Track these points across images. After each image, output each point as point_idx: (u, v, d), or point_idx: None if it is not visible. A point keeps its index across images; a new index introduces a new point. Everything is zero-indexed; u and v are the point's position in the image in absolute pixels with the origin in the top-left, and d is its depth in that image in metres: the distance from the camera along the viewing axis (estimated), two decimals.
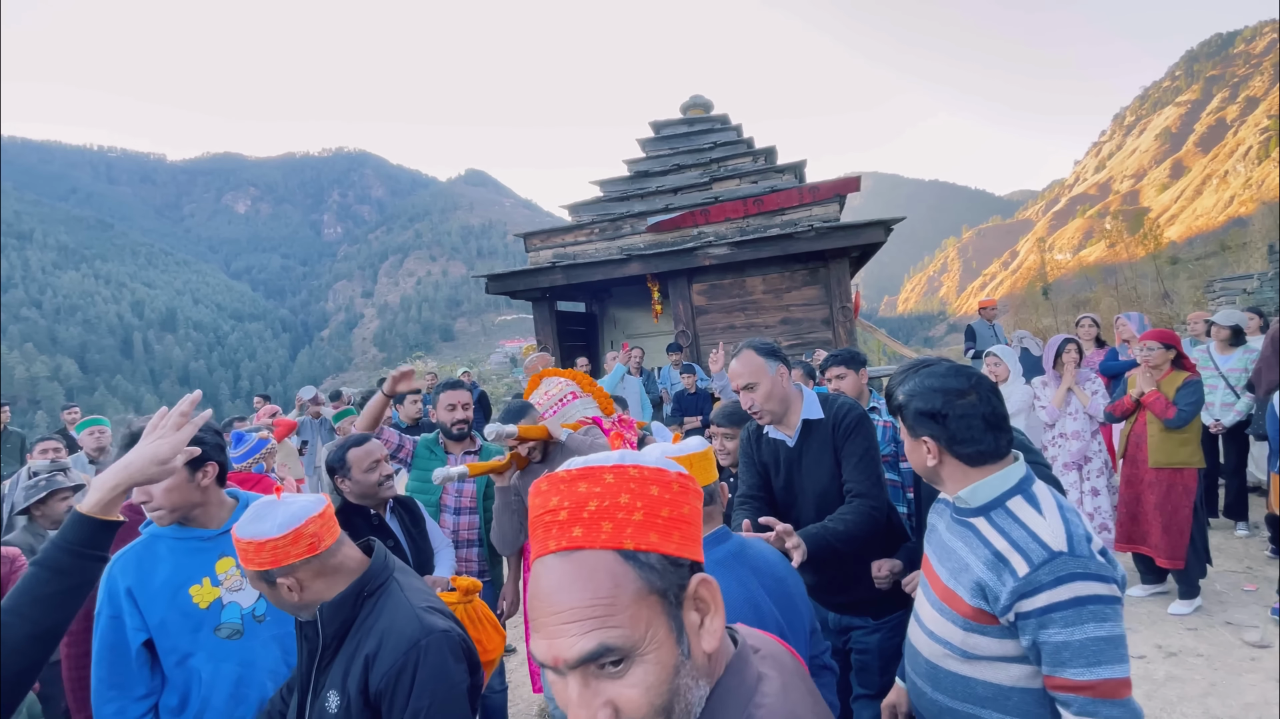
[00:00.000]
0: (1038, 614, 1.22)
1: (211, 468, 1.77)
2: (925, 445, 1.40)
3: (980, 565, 1.31)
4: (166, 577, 1.76)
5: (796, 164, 9.43)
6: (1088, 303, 20.73)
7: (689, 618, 0.69)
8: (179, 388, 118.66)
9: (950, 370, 1.42)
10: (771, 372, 2.15)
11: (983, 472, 1.37)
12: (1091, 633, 1.20)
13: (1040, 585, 1.22)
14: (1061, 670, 1.21)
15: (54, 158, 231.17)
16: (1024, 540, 1.27)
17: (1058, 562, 1.22)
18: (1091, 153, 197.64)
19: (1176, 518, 3.93)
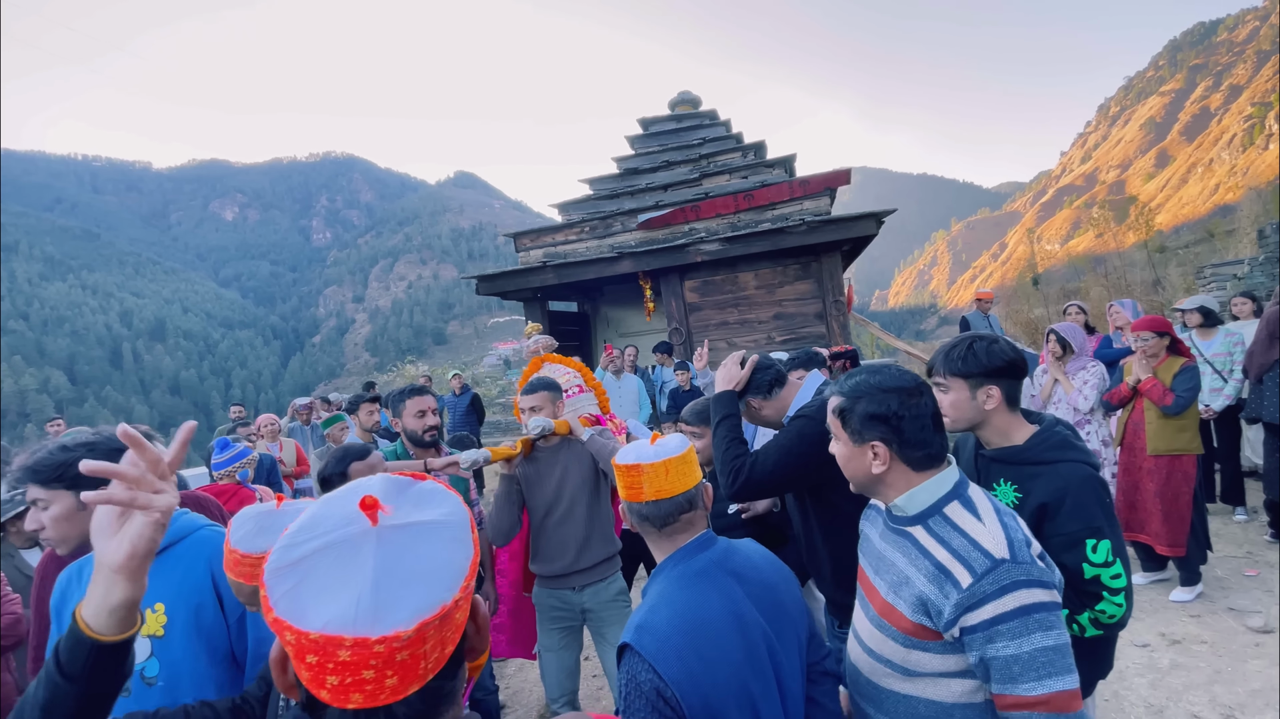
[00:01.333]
0: (984, 627, 1.17)
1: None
2: (873, 450, 1.33)
3: (922, 579, 1.25)
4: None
5: (786, 158, 9.39)
6: (1078, 292, 20.78)
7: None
8: (170, 398, 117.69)
9: (898, 372, 1.38)
10: (741, 410, 2.17)
11: (924, 476, 1.32)
12: (1039, 643, 1.15)
13: (985, 596, 1.17)
14: (1012, 687, 1.15)
15: (38, 168, 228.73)
16: (965, 549, 1.22)
17: (1001, 570, 1.18)
18: (1077, 144, 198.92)
19: (1177, 505, 3.91)
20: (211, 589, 1.60)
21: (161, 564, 1.59)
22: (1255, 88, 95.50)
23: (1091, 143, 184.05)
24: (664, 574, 1.35)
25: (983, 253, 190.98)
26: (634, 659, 1.22)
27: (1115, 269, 21.23)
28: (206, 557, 1.62)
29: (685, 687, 1.17)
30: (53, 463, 1.46)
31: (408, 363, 35.64)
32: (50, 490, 1.47)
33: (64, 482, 1.47)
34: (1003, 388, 1.65)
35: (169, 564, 1.60)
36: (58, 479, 1.47)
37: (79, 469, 1.38)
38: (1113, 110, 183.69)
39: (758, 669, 1.26)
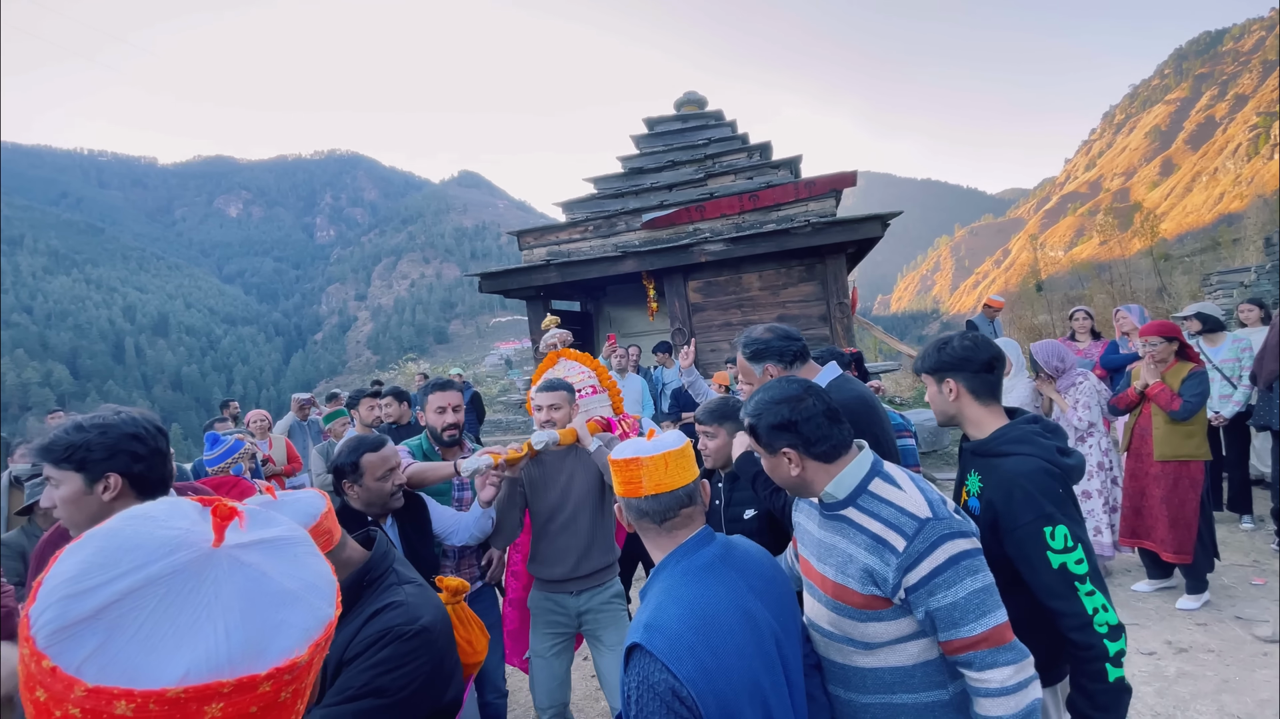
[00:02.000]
0: (924, 583, 1.30)
1: (114, 480, 1.49)
2: (786, 457, 1.46)
3: (863, 552, 1.37)
4: None
5: (792, 159, 9.35)
6: (1082, 299, 20.72)
7: None
8: (171, 393, 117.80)
9: (782, 382, 1.52)
10: (759, 373, 2.15)
11: (839, 465, 1.45)
12: (971, 586, 1.29)
13: (919, 554, 1.30)
14: (956, 631, 1.29)
15: (44, 162, 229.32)
16: (893, 517, 1.35)
17: (928, 528, 1.32)
18: (1082, 151, 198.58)
19: (1184, 511, 3.87)
20: None
21: None
22: (1261, 97, 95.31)
23: (1096, 150, 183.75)
24: (667, 571, 1.34)
25: (986, 259, 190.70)
26: (645, 659, 1.18)
27: (1120, 276, 21.16)
28: None
29: (700, 684, 1.15)
30: (64, 443, 1.46)
31: (408, 360, 35.60)
32: (60, 470, 1.47)
33: (73, 463, 1.47)
34: (963, 381, 1.76)
35: None
36: (67, 459, 1.46)
37: (89, 453, 1.45)
38: (1118, 118, 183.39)
39: (767, 663, 1.26)
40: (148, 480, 1.54)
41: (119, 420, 1.51)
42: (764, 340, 2.14)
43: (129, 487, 1.50)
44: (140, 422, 1.55)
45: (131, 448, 1.50)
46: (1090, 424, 4.23)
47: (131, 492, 1.50)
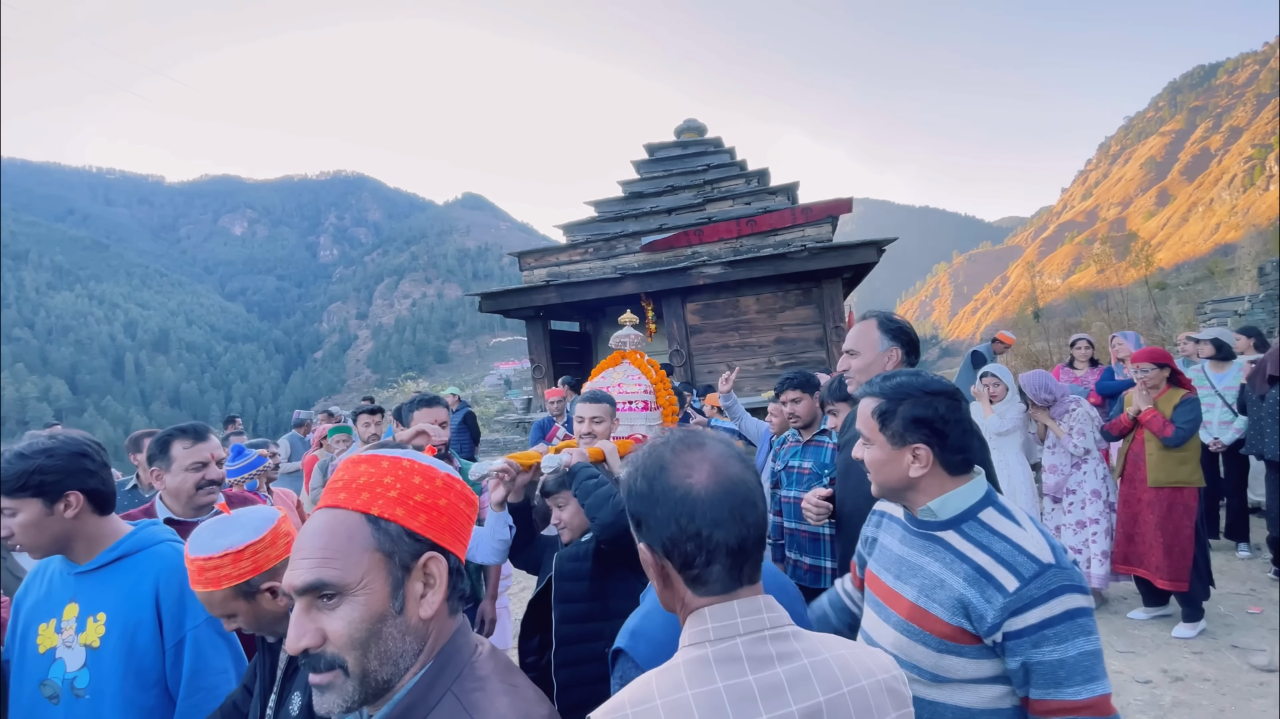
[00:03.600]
0: (1031, 632, 1.17)
1: (75, 497, 1.51)
2: (914, 453, 1.31)
3: (960, 582, 1.24)
4: (32, 604, 1.58)
5: (789, 186, 9.49)
6: (1079, 326, 20.82)
7: (413, 586, 0.81)
8: (169, 409, 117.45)
9: (934, 378, 1.38)
10: (881, 349, 1.97)
11: (958, 481, 1.32)
12: (1083, 647, 1.16)
13: (1033, 600, 1.17)
14: (1057, 692, 1.16)
15: (52, 179, 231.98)
16: (1009, 554, 1.22)
17: (1049, 574, 1.18)
18: (1078, 181, 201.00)
19: (1178, 539, 3.86)
20: (153, 608, 1.56)
21: (112, 573, 1.57)
22: (1255, 129, 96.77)
23: (1093, 180, 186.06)
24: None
25: (984, 286, 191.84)
26: (627, 664, 1.19)
27: (1117, 304, 21.29)
28: (155, 573, 1.58)
29: None
30: (14, 472, 1.45)
31: (407, 379, 35.61)
32: (16, 499, 1.46)
33: (29, 489, 1.46)
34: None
35: (119, 574, 1.57)
36: (22, 488, 1.46)
37: (44, 477, 1.46)
38: (1113, 149, 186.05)
39: None
40: (103, 494, 1.57)
41: (61, 442, 1.53)
42: (904, 327, 2.01)
43: (87, 501, 1.53)
44: (82, 441, 1.57)
45: (82, 465, 1.53)
46: (1086, 450, 4.24)
47: (89, 505, 1.54)
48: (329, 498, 0.82)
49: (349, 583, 0.76)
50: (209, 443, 2.15)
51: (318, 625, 0.76)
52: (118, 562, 1.58)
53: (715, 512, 0.87)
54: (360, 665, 0.77)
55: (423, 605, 0.81)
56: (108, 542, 1.59)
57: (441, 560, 0.83)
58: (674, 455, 0.92)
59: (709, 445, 0.93)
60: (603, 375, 3.02)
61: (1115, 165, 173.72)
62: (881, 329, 1.97)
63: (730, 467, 0.90)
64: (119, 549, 1.58)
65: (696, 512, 0.87)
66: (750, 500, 0.89)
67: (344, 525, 0.78)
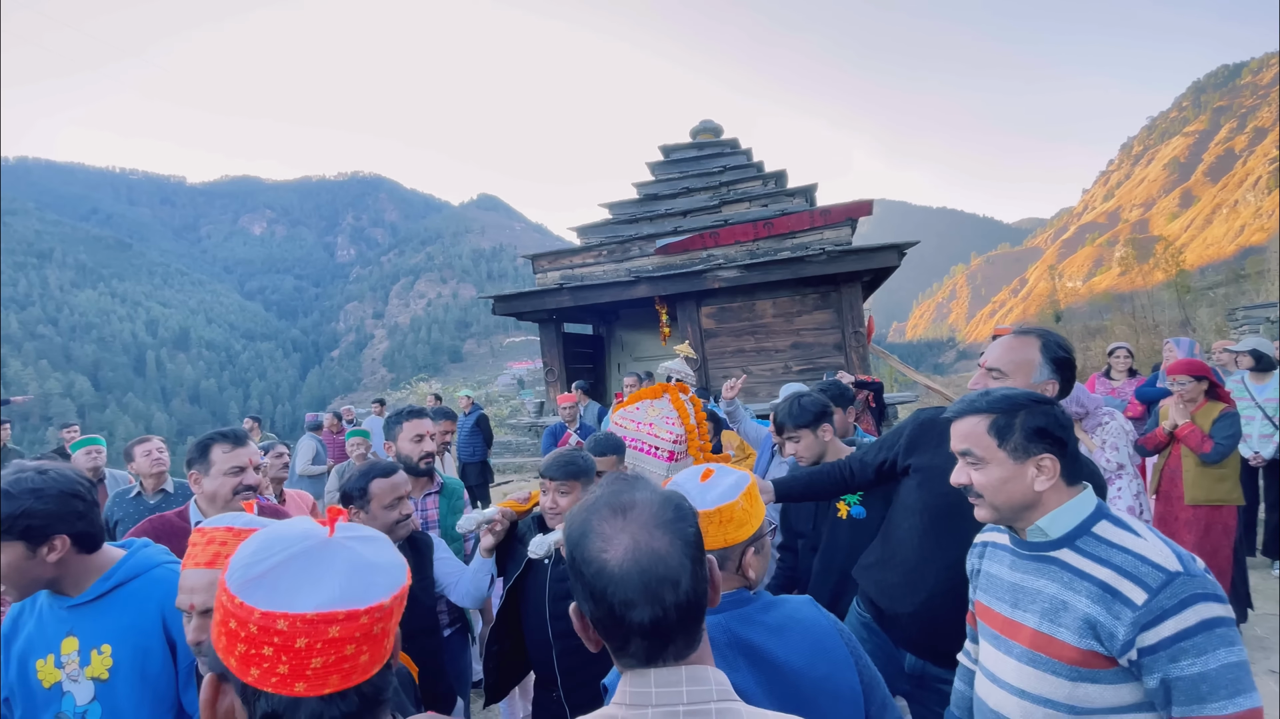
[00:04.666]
0: (1166, 645, 1.09)
1: (60, 541, 1.42)
2: (1038, 465, 1.24)
3: (1085, 601, 1.17)
4: (25, 640, 1.51)
5: (807, 187, 9.35)
6: (1101, 330, 20.43)
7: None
8: (189, 406, 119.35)
9: (1033, 391, 1.31)
10: (1037, 379, 1.65)
11: (1074, 491, 1.26)
12: (1225, 659, 1.08)
13: (1165, 612, 1.10)
14: (1200, 708, 1.08)
15: (76, 179, 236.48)
16: (1132, 565, 1.15)
17: (1178, 583, 1.10)
18: (1100, 182, 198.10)
19: (1216, 559, 3.69)
20: (161, 633, 1.50)
21: (111, 603, 1.50)
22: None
23: (1114, 181, 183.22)
24: None
25: (1003, 288, 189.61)
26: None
27: (1142, 308, 20.87)
28: (159, 598, 1.52)
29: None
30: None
31: (419, 380, 35.87)
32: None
33: (13, 533, 1.38)
34: (832, 424, 2.48)
35: (119, 604, 1.50)
36: (5, 530, 1.37)
37: (30, 520, 1.38)
38: (1135, 150, 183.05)
39: None
40: (90, 535, 1.49)
41: (51, 480, 1.43)
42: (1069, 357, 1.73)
43: (73, 544, 1.45)
44: (73, 478, 1.47)
45: (73, 507, 1.44)
46: (1119, 465, 4.08)
47: (73, 548, 1.45)
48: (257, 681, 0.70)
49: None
50: (248, 448, 2.13)
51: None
52: (114, 591, 1.51)
53: (626, 592, 0.80)
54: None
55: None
56: (97, 573, 1.51)
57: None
58: (597, 522, 0.85)
59: (636, 510, 0.85)
60: (636, 407, 2.75)
61: (1138, 166, 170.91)
62: (1045, 354, 1.64)
63: (653, 540, 0.82)
64: (113, 578, 1.52)
65: (609, 589, 0.81)
66: (669, 579, 0.80)
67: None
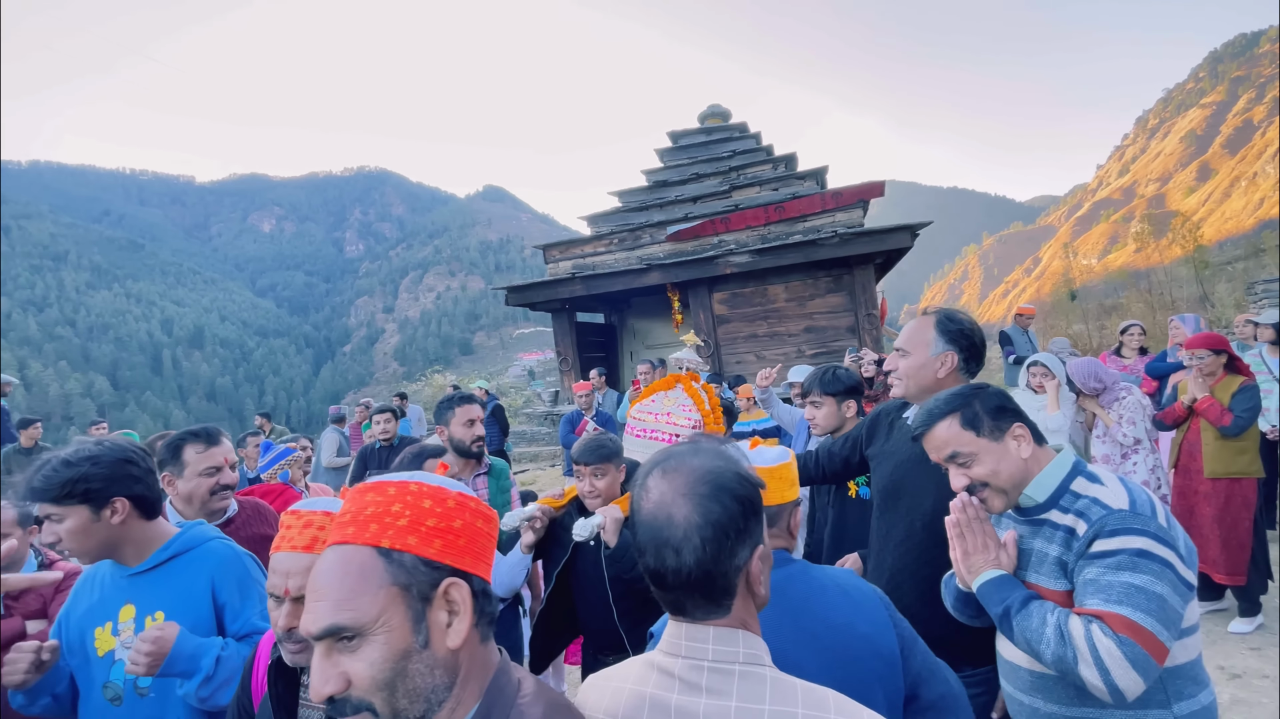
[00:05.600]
0: (1088, 558, 1.26)
1: (121, 503, 1.52)
2: (1015, 436, 1.39)
3: (1056, 547, 1.33)
4: (84, 610, 1.60)
5: (818, 170, 9.31)
6: (1118, 308, 20.21)
7: (436, 616, 0.77)
8: (206, 403, 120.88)
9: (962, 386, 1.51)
10: (933, 353, 1.79)
11: (1048, 454, 1.41)
12: (1128, 579, 1.21)
13: (1097, 535, 1.26)
14: (1082, 602, 1.25)
15: (88, 181, 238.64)
16: (1087, 507, 1.32)
17: (1117, 515, 1.26)
18: (1114, 157, 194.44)
19: (1236, 531, 3.72)
20: (210, 602, 1.59)
21: (166, 573, 1.59)
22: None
23: (1129, 156, 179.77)
24: None
25: (1015, 267, 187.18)
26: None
27: (1159, 284, 20.60)
28: (210, 569, 1.61)
29: None
30: (60, 479, 1.46)
31: (434, 373, 36.08)
32: (62, 506, 1.48)
33: (75, 496, 1.47)
34: (858, 403, 2.74)
35: (173, 573, 1.59)
36: (69, 495, 1.47)
37: (89, 484, 1.46)
38: (1151, 123, 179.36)
39: None
40: (148, 499, 1.59)
41: (106, 449, 1.54)
42: (965, 329, 1.87)
43: (133, 507, 1.55)
44: (127, 447, 1.58)
45: (128, 471, 1.54)
46: (1136, 440, 4.09)
47: (135, 511, 1.55)
48: (337, 533, 0.79)
49: (366, 623, 0.73)
50: (222, 447, 2.13)
51: (340, 670, 0.74)
52: (170, 561, 1.60)
53: (642, 540, 0.87)
54: (389, 706, 0.74)
55: (449, 635, 0.78)
56: (157, 543, 1.61)
57: (463, 585, 0.79)
58: (648, 473, 0.90)
59: (677, 474, 0.87)
60: (652, 399, 2.80)
61: (1153, 140, 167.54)
62: (939, 329, 1.80)
63: (671, 505, 0.85)
64: (170, 549, 1.61)
65: (636, 532, 0.88)
66: (670, 545, 0.83)
67: (355, 562, 0.75)
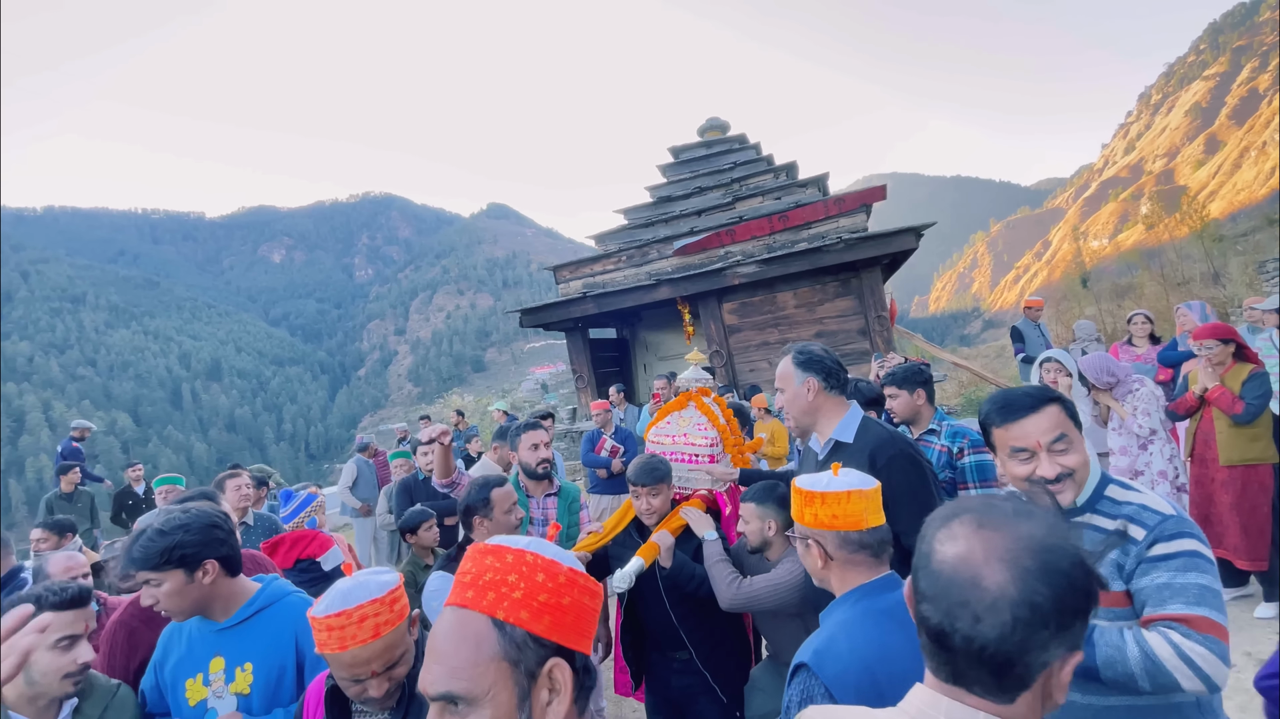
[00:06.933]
0: (1150, 562, 1.34)
1: (211, 565, 1.68)
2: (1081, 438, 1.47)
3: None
4: (176, 662, 1.74)
5: (819, 177, 9.42)
6: (1131, 289, 20.07)
7: (539, 694, 0.78)
8: (226, 434, 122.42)
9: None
10: (798, 383, 2.08)
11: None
12: (1196, 580, 1.31)
13: (1156, 540, 1.35)
14: (1162, 608, 1.31)
15: (102, 223, 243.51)
16: (1137, 514, 1.39)
17: (1170, 521, 1.36)
18: (1119, 135, 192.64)
19: (1255, 517, 3.76)
20: (294, 653, 1.74)
21: (254, 626, 1.75)
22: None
23: (1134, 133, 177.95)
24: (846, 606, 1.37)
25: (1025, 252, 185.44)
26: (810, 680, 1.25)
27: (1170, 263, 20.44)
28: (293, 622, 1.76)
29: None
30: (158, 549, 1.62)
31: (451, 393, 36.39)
32: (161, 572, 1.63)
33: (172, 563, 1.63)
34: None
35: (260, 627, 1.75)
36: (166, 562, 1.63)
37: (185, 550, 1.63)
38: (1154, 98, 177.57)
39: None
40: (232, 559, 1.74)
41: (194, 516, 1.70)
42: (817, 355, 2.10)
43: (221, 568, 1.71)
44: (211, 513, 1.74)
45: (215, 535, 1.70)
46: (1151, 431, 4.14)
47: (223, 571, 1.71)
48: (458, 593, 0.81)
49: (477, 694, 0.75)
50: (222, 508, 2.28)
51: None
52: (256, 615, 1.76)
53: (931, 589, 0.80)
54: None
55: (548, 714, 0.78)
56: (242, 599, 1.77)
57: (566, 667, 0.79)
58: (956, 515, 0.83)
59: (998, 533, 0.78)
60: (667, 421, 2.91)
61: (1158, 115, 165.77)
62: (795, 362, 2.11)
63: (985, 567, 0.75)
64: (255, 604, 1.76)
65: (919, 572, 0.83)
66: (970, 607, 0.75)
67: (471, 630, 0.77)
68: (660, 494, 2.47)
